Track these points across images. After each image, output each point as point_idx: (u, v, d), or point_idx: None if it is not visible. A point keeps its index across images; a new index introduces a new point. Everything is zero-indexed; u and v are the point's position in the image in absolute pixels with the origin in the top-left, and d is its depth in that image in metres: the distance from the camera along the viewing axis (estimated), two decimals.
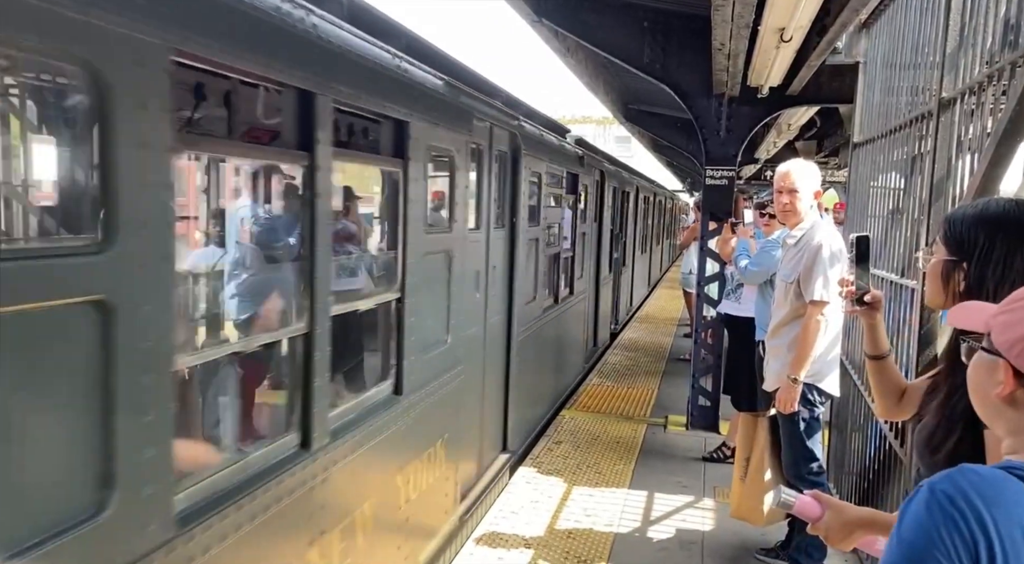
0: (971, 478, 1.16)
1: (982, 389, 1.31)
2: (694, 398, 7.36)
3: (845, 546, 1.90)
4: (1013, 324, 1.25)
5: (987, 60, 3.07)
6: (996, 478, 1.17)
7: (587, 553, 4.68)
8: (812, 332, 4.01)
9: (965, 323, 1.40)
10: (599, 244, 10.53)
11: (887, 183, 4.74)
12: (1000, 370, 1.25)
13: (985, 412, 1.33)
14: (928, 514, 1.14)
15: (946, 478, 1.16)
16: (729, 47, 5.44)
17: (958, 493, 1.13)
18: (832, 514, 1.88)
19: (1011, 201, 1.91)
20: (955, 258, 1.87)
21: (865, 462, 4.57)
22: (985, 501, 1.12)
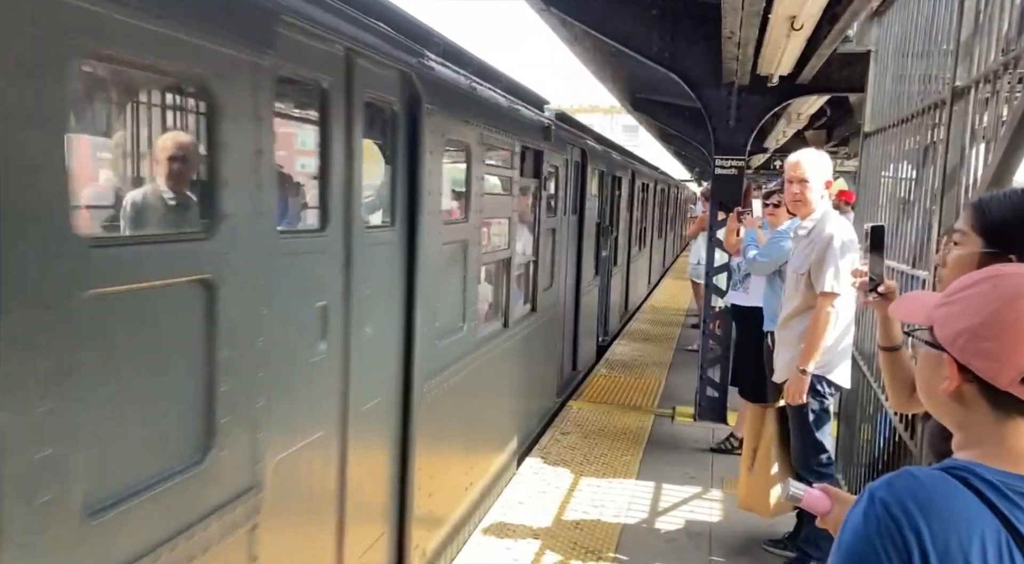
0: (908, 483, 1.15)
1: (928, 384, 1.28)
2: (702, 389, 7.34)
3: None
4: (954, 317, 1.21)
5: (1003, 47, 3.02)
6: (933, 481, 1.15)
7: (594, 544, 4.68)
8: (822, 324, 3.98)
9: (907, 316, 1.38)
10: (580, 242, 8.36)
11: (898, 173, 4.69)
12: (945, 365, 1.22)
13: (933, 407, 1.30)
14: (864, 522, 1.13)
15: (885, 484, 1.16)
16: (739, 35, 5.39)
17: (893, 500, 1.12)
18: (841, 508, 1.85)
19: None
20: (996, 250, 1.77)
21: (874, 454, 4.54)
22: (920, 508, 1.11)
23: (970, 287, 1.22)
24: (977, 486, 1.14)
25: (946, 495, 1.13)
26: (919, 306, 1.32)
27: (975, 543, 1.09)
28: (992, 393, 1.18)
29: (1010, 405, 1.18)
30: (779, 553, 4.55)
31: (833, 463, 4.37)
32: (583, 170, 8.24)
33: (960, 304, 1.22)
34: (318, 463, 3.04)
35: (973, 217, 1.86)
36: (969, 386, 1.21)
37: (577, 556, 4.51)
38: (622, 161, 11.60)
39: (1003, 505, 1.12)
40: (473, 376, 4.76)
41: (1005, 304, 1.16)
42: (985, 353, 1.17)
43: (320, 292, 2.99)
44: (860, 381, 4.75)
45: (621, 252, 11.82)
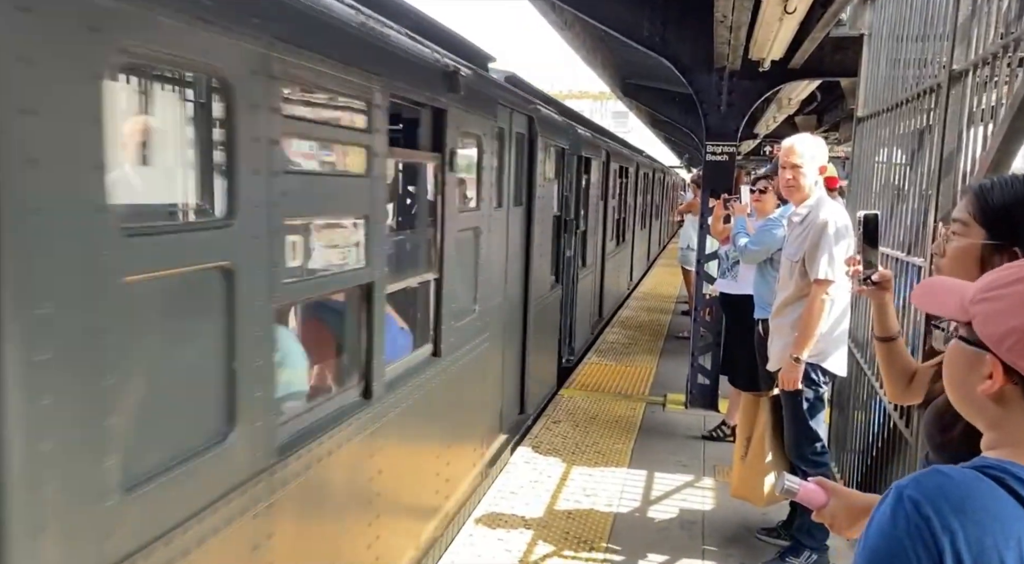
0: (939, 481, 1.09)
1: (963, 383, 1.21)
2: (693, 376, 7.31)
3: (851, 534, 1.84)
4: (1001, 314, 1.14)
5: (1002, 31, 2.97)
6: (967, 481, 1.10)
7: (587, 533, 4.65)
8: (816, 311, 3.94)
9: (936, 307, 1.29)
10: (528, 244, 6.43)
11: (892, 158, 4.65)
12: (986, 364, 1.15)
13: (964, 406, 1.24)
14: (893, 521, 1.08)
15: (914, 482, 1.10)
16: (731, 19, 5.32)
17: (925, 499, 1.06)
18: (837, 501, 1.81)
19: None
20: (999, 242, 1.71)
21: (868, 441, 4.52)
22: (953, 507, 1.05)
23: (1016, 283, 1.15)
24: (1014, 486, 1.09)
25: (981, 495, 1.08)
26: (949, 296, 1.24)
27: (1012, 545, 1.04)
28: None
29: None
30: (773, 542, 4.53)
31: (827, 452, 4.35)
32: (531, 145, 6.38)
33: (1006, 301, 1.14)
34: None
35: (974, 205, 1.78)
36: (1013, 387, 1.15)
37: (569, 546, 4.48)
38: (592, 139, 9.50)
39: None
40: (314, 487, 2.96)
41: None
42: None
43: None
44: (854, 368, 4.72)
45: (592, 250, 10.10)
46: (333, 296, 3.60)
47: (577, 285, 8.89)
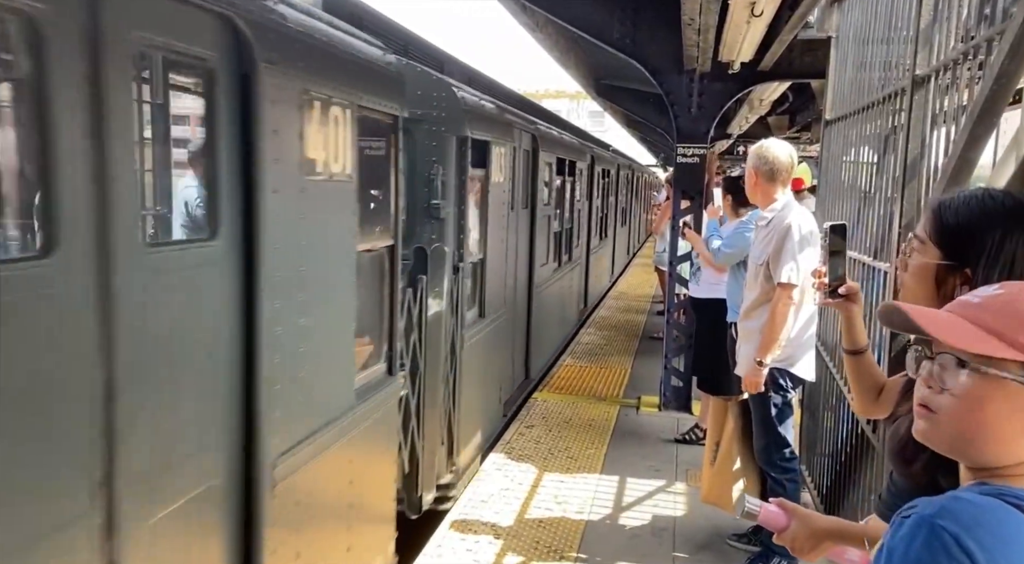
0: (972, 512, 1.03)
1: (1001, 420, 1.10)
2: (666, 379, 7.30)
3: (812, 557, 1.80)
4: None
5: (963, 36, 2.95)
6: (997, 511, 1.03)
7: (557, 543, 4.60)
8: (780, 315, 3.92)
9: (956, 338, 1.14)
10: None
11: (860, 161, 4.64)
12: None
13: (985, 442, 1.12)
14: (930, 555, 1.00)
15: (943, 511, 1.02)
16: (699, 22, 5.30)
17: (962, 531, 0.99)
18: (798, 523, 1.77)
19: (1006, 193, 1.75)
20: (954, 262, 1.68)
21: (837, 444, 4.52)
22: (996, 540, 0.99)
23: None
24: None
25: (1018, 526, 1.02)
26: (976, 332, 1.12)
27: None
28: None
29: None
30: (743, 548, 4.51)
31: (796, 457, 4.34)
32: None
33: None
34: None
35: (931, 224, 1.76)
36: None
37: (539, 556, 4.43)
38: (520, 121, 7.01)
39: None
40: None
41: None
42: None
43: None
44: (823, 372, 4.71)
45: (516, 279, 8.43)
46: None
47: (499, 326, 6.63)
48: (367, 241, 3.55)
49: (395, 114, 3.64)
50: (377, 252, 3.76)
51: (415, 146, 4.74)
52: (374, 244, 3.69)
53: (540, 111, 10.64)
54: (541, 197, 7.92)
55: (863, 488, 3.93)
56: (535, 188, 7.60)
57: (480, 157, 5.54)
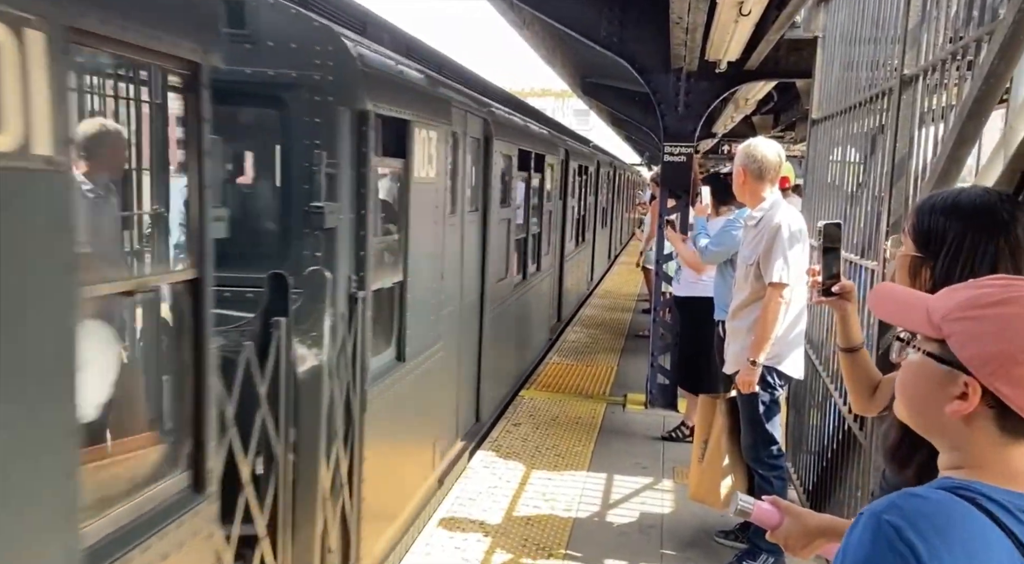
0: (918, 505, 1.06)
1: (929, 402, 1.17)
2: (652, 376, 7.32)
3: (805, 554, 1.81)
4: (983, 337, 1.10)
5: (951, 36, 2.98)
6: (944, 504, 1.06)
7: (546, 540, 4.60)
8: (772, 314, 3.94)
9: (898, 318, 1.25)
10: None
11: (847, 161, 4.67)
12: (958, 385, 1.11)
13: (924, 424, 1.20)
14: (874, 548, 1.04)
15: (890, 506, 1.06)
16: (687, 21, 5.32)
17: (906, 524, 1.02)
18: (791, 521, 1.78)
19: (984, 191, 1.81)
20: (922, 255, 1.78)
21: (824, 443, 4.55)
22: (938, 532, 1.02)
23: (1001, 305, 1.11)
24: (988, 508, 1.06)
25: (963, 518, 1.05)
26: (912, 309, 1.20)
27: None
28: (1007, 419, 1.10)
29: (1021, 431, 1.10)
30: (730, 545, 4.53)
31: (783, 455, 4.36)
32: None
33: (991, 323, 1.11)
34: None
35: (910, 220, 1.88)
36: (984, 410, 1.11)
37: (528, 554, 4.43)
38: (464, 99, 5.59)
39: (1015, 527, 1.05)
40: None
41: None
42: (1020, 381, 1.07)
43: None
44: (810, 370, 4.74)
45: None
46: None
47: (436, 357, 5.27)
48: (109, 275, 2.26)
49: (192, 60, 2.26)
50: (146, 294, 2.46)
51: (288, 123, 3.47)
52: (140, 281, 2.45)
53: (505, 97, 8.94)
54: (497, 197, 6.61)
55: (849, 485, 3.96)
56: (487, 186, 6.29)
57: (398, 143, 4.20)
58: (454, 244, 5.37)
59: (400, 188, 4.36)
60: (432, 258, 4.84)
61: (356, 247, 3.65)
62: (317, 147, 3.34)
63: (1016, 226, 1.74)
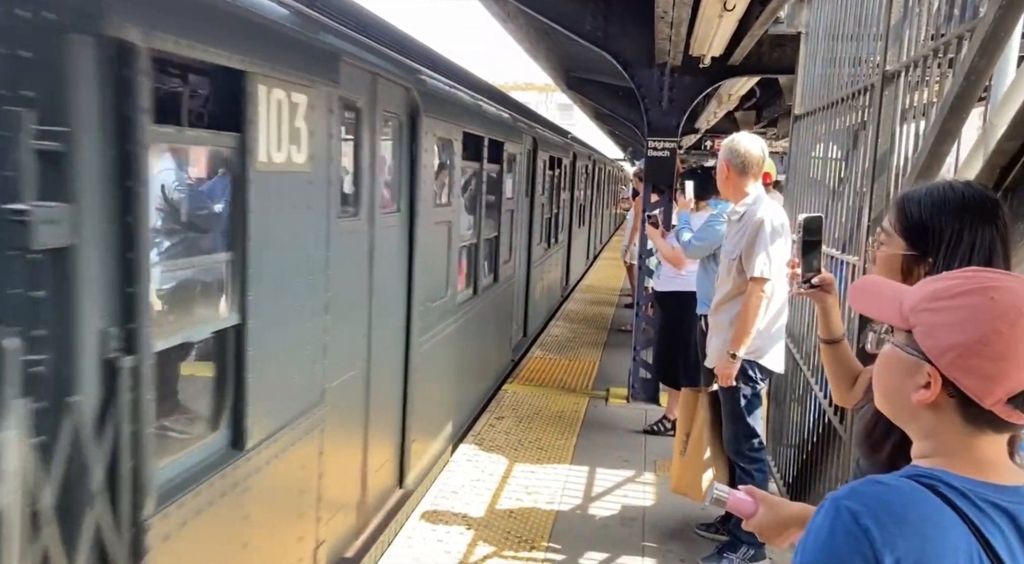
0: (877, 491, 1.09)
1: (899, 391, 1.20)
2: (635, 371, 7.35)
3: (779, 542, 1.83)
4: (944, 327, 1.13)
5: (932, 33, 3.01)
6: (903, 490, 1.09)
7: (528, 533, 4.61)
8: (753, 309, 3.97)
9: (872, 310, 1.28)
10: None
11: (829, 156, 4.71)
12: (923, 374, 1.14)
13: (896, 412, 1.24)
14: (831, 532, 1.07)
15: (851, 493, 1.09)
16: (672, 15, 5.32)
17: (863, 509, 1.06)
18: (766, 510, 1.80)
19: (967, 184, 1.82)
20: (917, 253, 1.77)
21: (804, 434, 4.59)
22: (893, 517, 1.05)
23: (962, 296, 1.14)
24: (947, 495, 1.09)
25: (919, 503, 1.08)
26: (886, 301, 1.23)
27: (948, 554, 1.04)
28: (970, 409, 1.12)
29: (985, 421, 1.12)
30: (711, 537, 4.56)
31: (764, 448, 4.39)
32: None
33: (951, 314, 1.13)
34: None
35: (895, 216, 1.86)
36: (947, 399, 1.14)
37: (510, 546, 4.44)
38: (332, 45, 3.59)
39: (973, 514, 1.08)
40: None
41: (1007, 324, 1.08)
42: (976, 371, 1.10)
43: None
44: (791, 364, 4.78)
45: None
46: None
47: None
48: None
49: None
50: None
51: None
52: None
53: (448, 67, 6.77)
54: (429, 194, 5.01)
55: (829, 478, 4.01)
56: (415, 179, 4.72)
57: (227, 108, 2.75)
58: (352, 260, 3.93)
59: (234, 179, 2.82)
60: (302, 284, 3.33)
61: (118, 280, 2.20)
62: (22, 104, 1.93)
63: (1002, 216, 1.77)
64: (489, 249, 7.29)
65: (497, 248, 7.51)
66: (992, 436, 1.14)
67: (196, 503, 2.58)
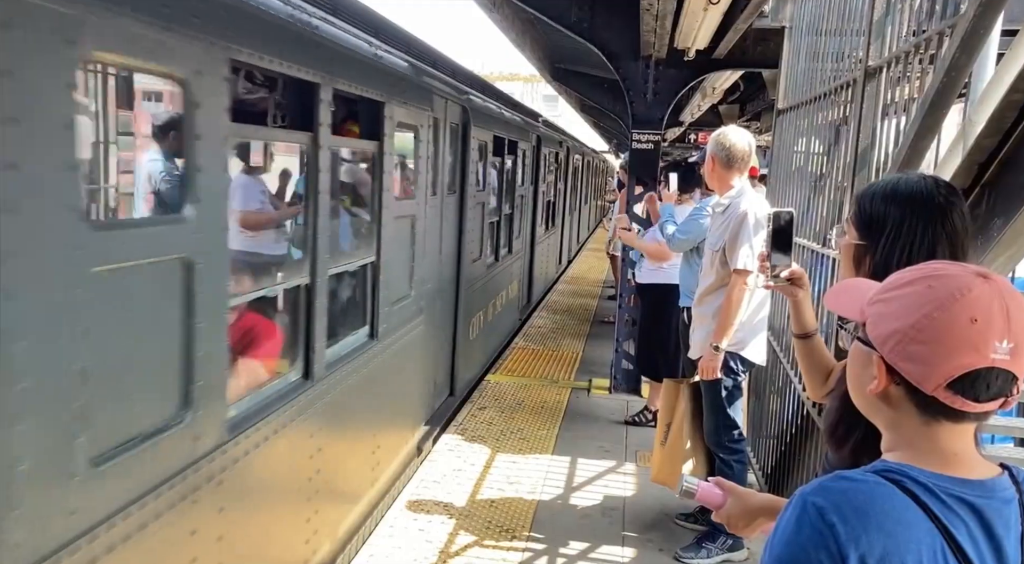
0: (843, 487, 1.11)
1: (858, 382, 1.23)
2: (617, 362, 7.39)
3: (747, 533, 1.86)
4: (888, 316, 1.16)
5: (914, 29, 3.03)
6: (868, 486, 1.11)
7: (509, 522, 4.63)
8: (736, 301, 4.00)
9: (840, 308, 1.31)
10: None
11: (811, 150, 4.74)
12: (874, 364, 1.17)
13: (862, 406, 1.26)
14: (797, 528, 1.09)
15: (817, 489, 1.11)
16: (657, 8, 5.33)
17: (829, 505, 1.08)
18: (734, 501, 1.83)
19: (924, 177, 1.84)
20: (864, 243, 1.79)
21: (783, 426, 4.64)
22: (857, 513, 1.07)
23: (906, 285, 1.17)
24: (912, 489, 1.11)
25: (883, 499, 1.09)
26: (854, 298, 1.26)
27: (912, 550, 1.06)
28: (919, 397, 1.14)
29: (937, 410, 1.14)
30: (690, 527, 4.61)
31: (744, 439, 4.44)
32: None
33: (894, 303, 1.16)
34: None
35: (854, 208, 1.89)
36: (896, 388, 1.16)
37: (492, 535, 4.46)
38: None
39: (938, 509, 1.10)
40: None
41: (939, 308, 1.11)
42: (914, 356, 1.12)
43: None
44: (771, 356, 4.82)
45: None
46: None
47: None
48: None
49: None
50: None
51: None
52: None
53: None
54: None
55: (807, 469, 4.05)
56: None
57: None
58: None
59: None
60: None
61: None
62: None
63: (953, 212, 1.77)
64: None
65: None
66: (950, 426, 1.15)
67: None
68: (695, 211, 5.24)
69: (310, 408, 3.58)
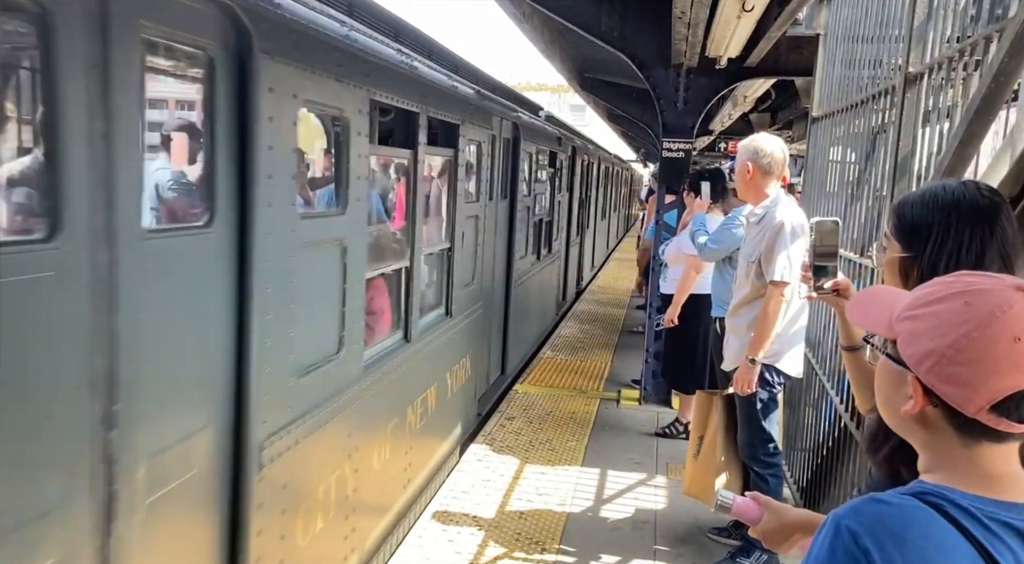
0: (877, 511, 1.05)
1: (889, 401, 1.17)
2: (647, 372, 7.31)
3: (784, 549, 1.80)
4: (921, 335, 1.09)
5: (958, 34, 2.96)
6: (905, 509, 1.06)
7: (539, 534, 4.58)
8: (772, 313, 3.92)
9: (866, 322, 1.25)
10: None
11: (847, 159, 4.66)
12: (908, 384, 1.11)
13: (895, 425, 1.20)
14: (831, 554, 1.04)
15: (852, 512, 1.06)
16: (689, 16, 5.29)
17: (863, 529, 1.03)
18: (770, 516, 1.78)
19: (962, 183, 1.77)
20: (911, 254, 1.73)
21: (818, 439, 4.55)
22: (893, 538, 1.01)
23: (939, 302, 1.10)
24: (952, 514, 1.04)
25: (921, 524, 1.03)
26: (880, 311, 1.20)
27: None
28: (958, 418, 1.08)
29: (978, 431, 1.08)
30: (724, 542, 4.52)
31: (780, 453, 4.35)
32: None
33: (928, 320, 1.10)
34: None
35: (893, 220, 1.83)
36: (934, 410, 1.10)
37: (521, 548, 4.42)
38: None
39: (980, 534, 1.03)
40: None
41: (978, 327, 1.05)
42: (954, 379, 1.06)
43: None
44: (806, 368, 4.74)
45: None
46: None
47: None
48: None
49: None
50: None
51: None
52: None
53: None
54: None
55: (843, 483, 3.96)
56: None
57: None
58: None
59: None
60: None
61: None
62: None
63: (1000, 215, 1.71)
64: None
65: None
66: (992, 446, 1.09)
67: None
68: (727, 220, 5.17)
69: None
